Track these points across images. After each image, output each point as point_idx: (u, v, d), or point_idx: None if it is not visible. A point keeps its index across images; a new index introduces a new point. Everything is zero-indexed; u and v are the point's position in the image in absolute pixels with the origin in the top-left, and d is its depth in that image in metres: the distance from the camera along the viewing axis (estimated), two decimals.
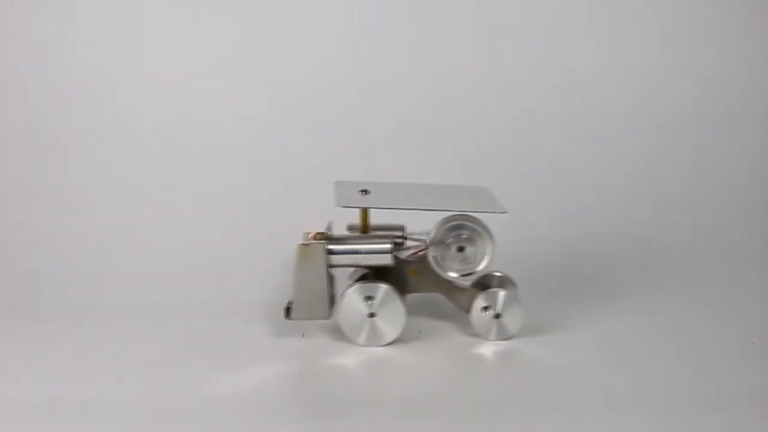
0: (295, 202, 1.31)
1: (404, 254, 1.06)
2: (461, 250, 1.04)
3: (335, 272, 1.06)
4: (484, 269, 1.04)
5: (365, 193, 1.05)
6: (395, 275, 1.05)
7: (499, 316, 1.04)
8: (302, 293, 1.02)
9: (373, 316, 1.03)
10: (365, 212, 1.07)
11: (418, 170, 1.29)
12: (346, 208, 1.04)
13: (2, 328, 1.11)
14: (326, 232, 1.04)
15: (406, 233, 1.09)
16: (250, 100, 1.38)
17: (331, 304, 1.03)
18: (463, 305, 1.06)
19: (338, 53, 1.40)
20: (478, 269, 1.04)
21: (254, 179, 1.35)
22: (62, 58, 1.36)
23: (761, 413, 0.86)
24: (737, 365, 0.97)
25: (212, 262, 1.26)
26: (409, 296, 1.06)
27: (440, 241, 1.03)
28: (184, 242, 1.29)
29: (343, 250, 1.03)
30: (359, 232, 1.07)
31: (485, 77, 1.41)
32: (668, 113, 1.42)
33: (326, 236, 1.04)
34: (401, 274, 1.06)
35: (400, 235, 1.08)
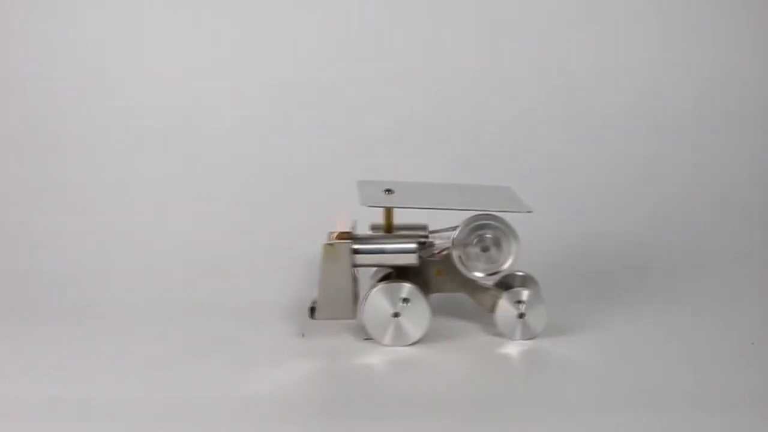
0: (295, 202, 1.31)
1: (427, 253, 1.06)
2: (486, 249, 1.04)
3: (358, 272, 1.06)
4: (508, 269, 1.04)
5: (390, 192, 1.05)
6: (418, 275, 1.05)
7: (523, 315, 1.04)
8: (327, 293, 1.02)
9: (397, 315, 1.02)
10: (389, 212, 1.07)
11: (418, 170, 1.28)
12: (371, 207, 1.04)
13: (2, 328, 1.11)
14: (351, 231, 1.04)
15: (428, 231, 1.09)
16: (250, 100, 1.38)
17: (354, 303, 1.03)
18: (486, 305, 1.05)
19: (338, 53, 1.40)
20: (503, 269, 1.04)
21: (254, 179, 1.35)
22: (62, 58, 1.36)
23: (761, 413, 0.86)
24: (737, 365, 0.97)
25: (212, 262, 1.26)
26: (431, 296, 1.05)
27: (465, 241, 1.03)
28: (184, 242, 1.28)
29: (368, 249, 1.03)
30: (383, 231, 1.07)
31: (485, 77, 1.41)
32: (668, 113, 1.42)
33: (351, 236, 1.03)
34: (424, 273, 1.05)
35: (424, 234, 1.08)
